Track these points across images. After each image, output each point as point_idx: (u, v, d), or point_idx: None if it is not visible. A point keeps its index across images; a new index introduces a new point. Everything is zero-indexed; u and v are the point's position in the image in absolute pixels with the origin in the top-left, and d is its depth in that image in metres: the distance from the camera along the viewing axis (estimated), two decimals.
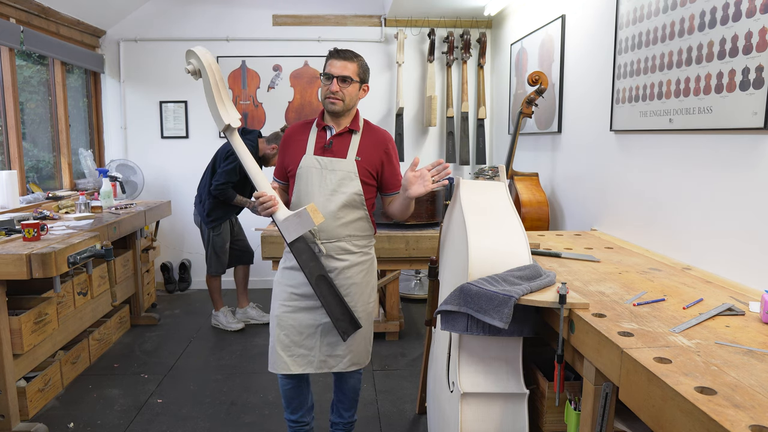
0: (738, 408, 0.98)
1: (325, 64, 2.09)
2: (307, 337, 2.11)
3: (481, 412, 1.70)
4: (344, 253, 2.09)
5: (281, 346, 2.10)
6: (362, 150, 2.09)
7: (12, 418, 2.58)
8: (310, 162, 2.07)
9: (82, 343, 3.31)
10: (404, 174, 1.97)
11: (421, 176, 1.93)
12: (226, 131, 2.05)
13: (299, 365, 2.11)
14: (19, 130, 3.71)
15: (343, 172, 2.06)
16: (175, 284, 5.06)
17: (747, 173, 1.82)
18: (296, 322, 2.10)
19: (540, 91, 3.27)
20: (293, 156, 2.10)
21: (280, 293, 2.14)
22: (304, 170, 2.06)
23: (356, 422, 2.40)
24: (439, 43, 4.93)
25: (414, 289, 4.86)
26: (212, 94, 2.00)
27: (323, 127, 2.11)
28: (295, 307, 2.10)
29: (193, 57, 2.02)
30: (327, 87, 2.03)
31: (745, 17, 1.77)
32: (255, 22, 4.90)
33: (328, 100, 2.03)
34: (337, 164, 2.06)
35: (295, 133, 2.15)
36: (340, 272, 2.09)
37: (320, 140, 2.09)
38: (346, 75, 2.02)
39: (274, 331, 2.13)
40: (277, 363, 2.11)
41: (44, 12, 3.89)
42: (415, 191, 1.94)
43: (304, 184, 2.06)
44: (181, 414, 2.83)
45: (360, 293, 2.14)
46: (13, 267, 2.44)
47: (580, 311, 1.50)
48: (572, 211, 3.24)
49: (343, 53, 2.05)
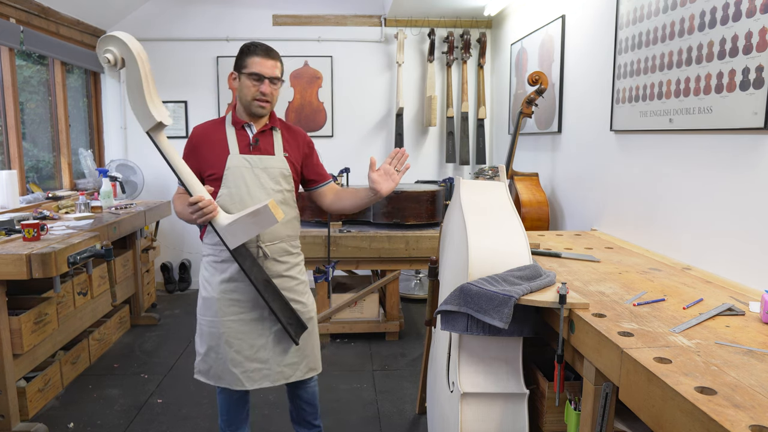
0: (738, 408, 0.98)
1: (243, 60, 1.94)
2: (258, 350, 2.01)
3: (481, 412, 1.70)
4: (285, 255, 2.03)
5: (233, 363, 1.98)
6: (287, 146, 2.04)
7: (12, 418, 2.58)
8: (239, 162, 1.94)
9: (82, 343, 3.31)
10: (368, 176, 1.93)
11: (386, 173, 1.91)
12: (153, 131, 1.80)
13: (254, 380, 2.01)
14: (19, 130, 3.71)
15: (276, 169, 1.98)
16: (175, 284, 5.06)
17: (747, 173, 1.82)
18: (246, 336, 1.99)
19: (540, 91, 3.27)
20: (213, 158, 1.95)
21: (222, 308, 1.98)
22: (234, 171, 1.93)
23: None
24: (439, 43, 4.93)
25: (414, 289, 4.86)
26: (141, 88, 1.75)
27: (242, 126, 1.99)
28: (242, 320, 1.99)
29: (114, 44, 1.75)
30: (256, 88, 1.92)
31: (745, 17, 1.77)
32: (255, 22, 4.90)
33: (257, 102, 1.93)
34: (268, 162, 1.98)
35: (208, 134, 1.99)
36: (285, 275, 2.02)
37: (243, 139, 1.98)
38: (276, 76, 1.96)
39: (222, 348, 1.98)
40: (231, 379, 2.00)
41: (44, 12, 3.89)
42: (386, 189, 1.91)
43: (237, 186, 1.93)
44: (181, 414, 2.83)
45: (306, 291, 2.11)
46: (13, 267, 2.43)
47: (580, 311, 1.50)
48: (572, 211, 3.24)
49: (272, 52, 1.96)
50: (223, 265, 1.99)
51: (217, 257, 2.00)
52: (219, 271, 2.00)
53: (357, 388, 3.12)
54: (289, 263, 2.05)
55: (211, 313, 2.00)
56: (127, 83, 1.77)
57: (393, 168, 1.92)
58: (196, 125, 2.06)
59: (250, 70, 1.93)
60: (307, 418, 2.24)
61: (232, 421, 2.14)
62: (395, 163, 1.93)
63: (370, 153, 5.05)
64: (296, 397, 2.22)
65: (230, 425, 2.14)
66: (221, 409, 2.14)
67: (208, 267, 2.04)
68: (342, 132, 5.06)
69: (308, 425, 2.26)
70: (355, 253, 3.58)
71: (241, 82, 1.95)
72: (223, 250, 1.97)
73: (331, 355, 3.56)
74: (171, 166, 1.85)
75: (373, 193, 1.94)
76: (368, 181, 1.93)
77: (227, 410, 2.13)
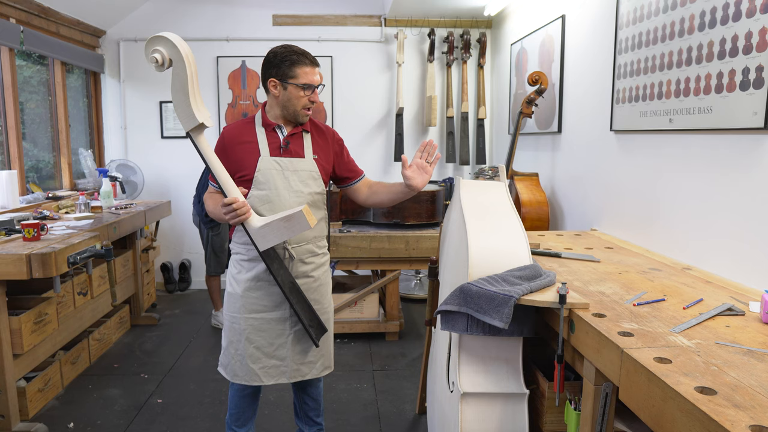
0: (738, 408, 0.98)
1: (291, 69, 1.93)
2: (278, 348, 2.03)
3: (481, 412, 1.70)
4: (311, 256, 2.04)
5: (251, 359, 2.01)
6: (316, 148, 2.04)
7: (12, 418, 2.58)
8: (270, 164, 1.95)
9: (82, 343, 3.31)
10: (402, 174, 1.95)
11: (419, 167, 1.93)
12: (194, 131, 1.83)
13: (271, 376, 2.03)
14: (19, 130, 3.71)
15: (306, 172, 1.99)
16: (175, 284, 5.06)
17: (747, 173, 1.82)
18: (267, 335, 2.01)
19: (540, 91, 3.27)
20: (244, 159, 1.96)
21: (245, 306, 2.01)
22: (265, 173, 1.94)
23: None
24: (439, 43, 4.93)
25: (414, 289, 4.86)
26: (186, 89, 1.77)
27: (273, 128, 2.00)
28: (265, 319, 2.02)
29: (163, 45, 1.77)
30: (307, 98, 1.94)
31: (745, 17, 1.77)
32: (255, 22, 4.90)
33: (305, 110, 1.96)
34: (298, 164, 1.98)
35: (239, 135, 2.00)
36: (309, 275, 2.04)
37: (273, 141, 1.99)
38: (323, 83, 1.99)
39: (242, 345, 2.02)
40: (248, 375, 2.02)
41: (44, 12, 3.89)
42: (421, 183, 1.94)
43: (268, 188, 1.94)
44: (181, 414, 2.83)
45: (327, 293, 2.12)
46: (13, 267, 2.43)
47: (580, 311, 1.50)
48: (572, 211, 3.24)
49: (315, 59, 1.98)
50: (250, 263, 2.01)
51: (245, 256, 2.03)
52: (246, 270, 2.02)
53: (357, 388, 3.12)
54: (315, 263, 2.07)
55: (234, 309, 2.04)
56: (173, 84, 1.79)
57: (424, 161, 1.94)
58: (226, 126, 2.08)
59: (302, 81, 1.92)
60: (310, 414, 2.26)
61: (240, 416, 2.15)
62: (425, 156, 1.95)
63: (370, 153, 5.05)
64: (302, 392, 2.24)
65: (237, 420, 2.16)
66: (231, 403, 2.16)
67: (236, 264, 2.06)
68: (342, 132, 5.01)
69: (310, 422, 2.27)
70: (355, 253, 3.58)
71: (289, 92, 1.94)
72: (251, 249, 1.99)
73: None
74: (208, 167, 1.87)
75: (409, 189, 1.97)
76: (403, 178, 1.95)
77: (237, 405, 2.15)
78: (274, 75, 1.95)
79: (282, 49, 1.96)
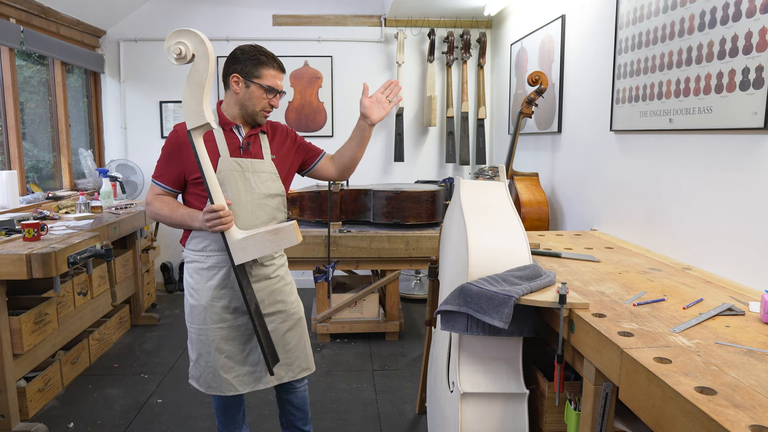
0: (738, 408, 0.98)
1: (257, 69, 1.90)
2: (249, 353, 1.98)
3: (481, 412, 1.70)
4: (270, 258, 2.01)
5: (224, 369, 1.94)
6: (274, 148, 2.02)
7: (12, 418, 2.58)
8: (230, 165, 1.89)
9: (82, 343, 3.31)
10: (360, 101, 1.97)
11: (378, 100, 1.96)
12: (196, 130, 1.79)
13: (247, 384, 1.98)
14: (19, 130, 3.71)
15: (266, 173, 1.95)
16: (175, 284, 5.06)
17: (747, 173, 1.82)
18: (237, 342, 1.97)
19: (540, 91, 3.27)
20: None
21: (211, 317, 1.94)
22: (225, 175, 1.87)
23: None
24: (439, 43, 4.93)
25: (414, 289, 4.86)
26: (203, 87, 1.76)
27: (231, 128, 1.94)
28: (233, 326, 1.96)
29: (190, 38, 1.75)
30: (268, 101, 1.92)
31: (745, 17, 1.77)
32: (255, 22, 4.90)
33: (263, 112, 1.93)
34: (258, 166, 1.94)
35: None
36: (272, 276, 2.01)
37: (232, 141, 1.93)
38: (284, 90, 1.98)
39: (212, 356, 1.95)
40: (222, 386, 1.96)
41: (44, 12, 3.89)
42: (377, 116, 1.96)
43: (227, 189, 1.87)
44: (181, 414, 2.83)
45: (292, 292, 2.10)
46: (13, 267, 2.43)
47: (580, 311, 1.50)
48: (572, 211, 3.24)
49: (283, 66, 1.97)
50: (210, 272, 1.95)
51: (203, 264, 1.95)
52: (206, 279, 1.95)
53: (357, 388, 3.12)
54: (275, 265, 2.04)
55: (199, 320, 1.96)
56: (190, 77, 1.76)
57: (385, 97, 1.96)
58: (177, 123, 1.97)
59: (266, 83, 1.91)
60: (297, 423, 2.21)
61: (229, 424, 2.13)
62: (387, 93, 1.97)
63: (370, 153, 5.04)
64: (285, 402, 2.19)
65: (227, 427, 2.13)
66: (217, 411, 2.13)
67: (194, 274, 1.97)
68: (342, 132, 5.05)
69: (298, 431, 2.23)
70: (355, 253, 3.58)
71: (251, 91, 1.91)
72: (209, 256, 1.94)
73: (331, 355, 3.56)
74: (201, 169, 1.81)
75: (364, 119, 1.96)
76: (360, 106, 1.96)
77: (223, 413, 2.12)
78: (238, 71, 1.91)
79: (251, 48, 1.93)
